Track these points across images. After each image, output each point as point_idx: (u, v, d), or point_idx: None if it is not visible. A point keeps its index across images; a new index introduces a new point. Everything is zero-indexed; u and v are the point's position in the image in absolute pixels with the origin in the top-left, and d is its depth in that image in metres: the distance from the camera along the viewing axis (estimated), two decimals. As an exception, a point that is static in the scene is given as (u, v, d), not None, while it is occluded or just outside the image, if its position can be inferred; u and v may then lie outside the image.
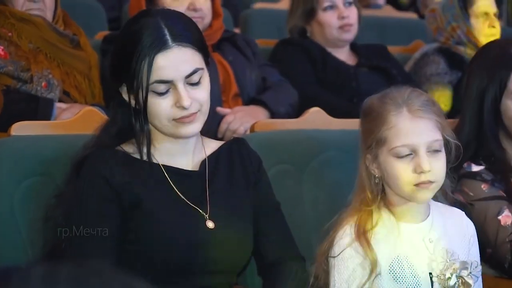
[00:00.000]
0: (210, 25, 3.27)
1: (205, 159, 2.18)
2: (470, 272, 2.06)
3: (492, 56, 2.64)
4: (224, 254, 2.10)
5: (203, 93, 2.09)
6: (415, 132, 2.05)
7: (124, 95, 2.11)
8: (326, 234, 2.12)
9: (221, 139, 2.84)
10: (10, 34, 2.88)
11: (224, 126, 3.00)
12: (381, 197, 2.11)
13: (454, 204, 2.22)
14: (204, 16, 3.22)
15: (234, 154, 2.21)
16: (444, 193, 2.13)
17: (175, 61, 2.04)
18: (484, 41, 3.65)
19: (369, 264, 2.04)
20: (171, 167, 2.13)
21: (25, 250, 2.30)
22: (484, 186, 2.52)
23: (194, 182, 2.14)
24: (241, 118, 3.02)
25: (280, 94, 3.22)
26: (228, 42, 3.32)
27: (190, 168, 2.16)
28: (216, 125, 2.98)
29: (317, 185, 2.69)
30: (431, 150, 2.06)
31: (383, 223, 2.09)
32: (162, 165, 2.12)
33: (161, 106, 2.06)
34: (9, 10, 2.93)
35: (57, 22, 3.01)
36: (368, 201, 2.09)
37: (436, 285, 2.07)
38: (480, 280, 2.14)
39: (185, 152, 2.16)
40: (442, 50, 3.89)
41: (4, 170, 2.33)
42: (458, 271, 2.06)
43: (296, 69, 3.49)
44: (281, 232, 2.21)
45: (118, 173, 2.07)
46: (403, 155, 2.05)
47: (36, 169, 2.35)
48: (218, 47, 3.28)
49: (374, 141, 2.07)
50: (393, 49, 4.01)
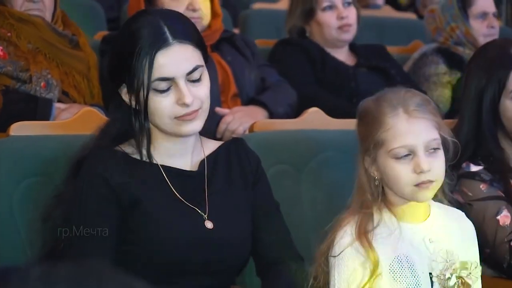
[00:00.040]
0: (209, 26, 3.26)
1: (204, 159, 2.18)
2: (470, 273, 2.06)
3: (490, 56, 2.64)
4: (222, 255, 2.10)
5: (203, 91, 2.09)
6: (412, 132, 2.05)
7: (124, 96, 2.11)
8: (325, 235, 2.12)
9: (220, 139, 2.83)
10: (9, 34, 2.88)
11: (223, 126, 3.00)
12: (381, 198, 2.11)
13: (453, 204, 2.22)
14: (203, 16, 3.22)
15: (233, 154, 2.21)
16: (442, 191, 2.13)
17: (176, 58, 2.05)
18: (483, 41, 3.65)
19: (370, 264, 2.04)
20: (170, 167, 2.13)
21: (24, 250, 2.30)
22: (482, 186, 2.52)
23: (193, 182, 2.14)
24: (240, 118, 3.01)
25: (279, 95, 3.22)
26: (227, 42, 3.32)
27: (189, 168, 2.16)
28: (215, 125, 2.98)
29: (315, 185, 2.69)
30: (429, 149, 2.06)
31: (385, 223, 2.09)
32: (161, 165, 2.12)
33: (163, 104, 2.06)
34: (8, 11, 2.92)
35: (56, 22, 3.01)
36: (368, 203, 2.09)
37: (436, 285, 2.06)
38: (480, 280, 2.14)
39: (184, 152, 2.16)
40: (441, 50, 3.89)
41: (3, 170, 2.33)
42: (458, 271, 2.06)
43: (295, 69, 3.49)
44: (279, 232, 2.21)
45: (117, 173, 2.07)
46: (401, 156, 2.05)
47: (35, 169, 2.35)
48: (217, 47, 3.28)
49: (372, 144, 2.07)
50: (392, 49, 4.01)
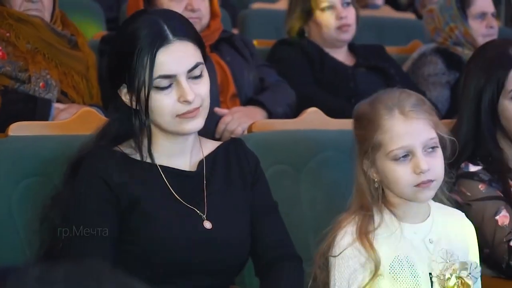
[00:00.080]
0: (208, 26, 3.26)
1: (203, 159, 2.18)
2: (470, 273, 2.07)
3: (489, 56, 2.64)
4: (221, 255, 2.10)
5: (204, 88, 2.10)
6: (409, 133, 2.05)
7: (124, 97, 2.10)
8: (324, 236, 2.11)
9: (218, 139, 2.83)
10: (8, 34, 2.88)
11: (222, 126, 3.00)
12: (382, 200, 2.11)
13: (451, 203, 2.22)
14: (201, 17, 3.22)
15: (232, 154, 2.21)
16: (440, 189, 2.13)
17: (177, 55, 2.06)
18: (481, 41, 3.65)
19: (371, 265, 2.04)
20: (169, 167, 2.13)
21: (23, 250, 2.30)
22: (481, 186, 2.52)
23: (192, 182, 2.14)
24: (239, 119, 3.01)
25: (278, 95, 3.22)
26: (226, 42, 3.32)
27: (187, 168, 2.16)
28: (214, 125, 2.98)
29: (314, 185, 2.69)
30: (427, 149, 2.06)
31: (385, 224, 2.09)
32: (160, 165, 2.12)
33: (164, 102, 2.06)
34: (7, 11, 2.92)
35: (55, 22, 3.00)
36: (368, 205, 2.09)
37: (435, 285, 2.07)
38: (479, 281, 2.14)
39: (183, 152, 2.16)
40: (440, 51, 3.89)
41: (2, 171, 2.33)
42: (457, 271, 2.06)
43: (294, 70, 3.49)
44: (278, 233, 2.21)
45: (116, 174, 2.07)
46: (400, 157, 2.05)
47: (34, 170, 2.34)
48: (216, 47, 3.28)
49: (369, 147, 2.07)
50: (391, 49, 4.01)
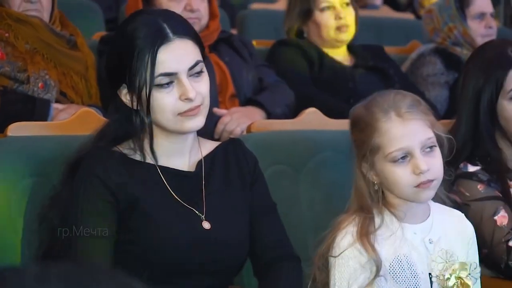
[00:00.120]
0: (206, 26, 3.26)
1: (201, 159, 2.18)
2: (469, 273, 2.07)
3: (488, 56, 2.64)
4: (220, 255, 2.10)
5: (204, 86, 2.10)
6: (407, 134, 2.05)
7: (123, 97, 2.10)
8: (323, 238, 2.11)
9: (217, 140, 2.83)
10: (7, 34, 2.88)
11: (220, 127, 3.00)
12: (382, 201, 2.11)
13: (450, 203, 2.22)
14: (200, 17, 3.22)
15: (230, 154, 2.21)
16: (439, 189, 2.13)
17: (178, 53, 2.06)
18: (480, 41, 3.65)
19: (371, 265, 2.04)
20: (168, 167, 2.13)
21: (22, 250, 2.30)
22: (480, 187, 2.52)
23: (190, 182, 2.14)
24: (238, 119, 3.01)
25: (276, 95, 3.22)
26: (224, 43, 3.32)
27: (186, 168, 2.16)
28: (212, 125, 2.98)
29: (313, 186, 2.69)
30: (426, 148, 2.06)
31: (386, 224, 2.09)
32: (159, 166, 2.12)
33: (166, 100, 2.06)
34: (5, 11, 2.92)
35: (54, 22, 3.01)
36: (368, 208, 2.09)
37: (435, 285, 2.07)
38: (479, 281, 2.14)
39: (182, 152, 2.16)
40: (439, 51, 3.89)
41: (1, 171, 2.32)
42: (457, 272, 2.06)
43: (293, 70, 3.49)
44: (277, 233, 2.21)
45: (115, 174, 2.07)
46: (399, 159, 2.05)
47: (33, 170, 2.34)
48: (214, 48, 3.28)
49: (368, 150, 2.08)
50: (390, 50, 4.01)
